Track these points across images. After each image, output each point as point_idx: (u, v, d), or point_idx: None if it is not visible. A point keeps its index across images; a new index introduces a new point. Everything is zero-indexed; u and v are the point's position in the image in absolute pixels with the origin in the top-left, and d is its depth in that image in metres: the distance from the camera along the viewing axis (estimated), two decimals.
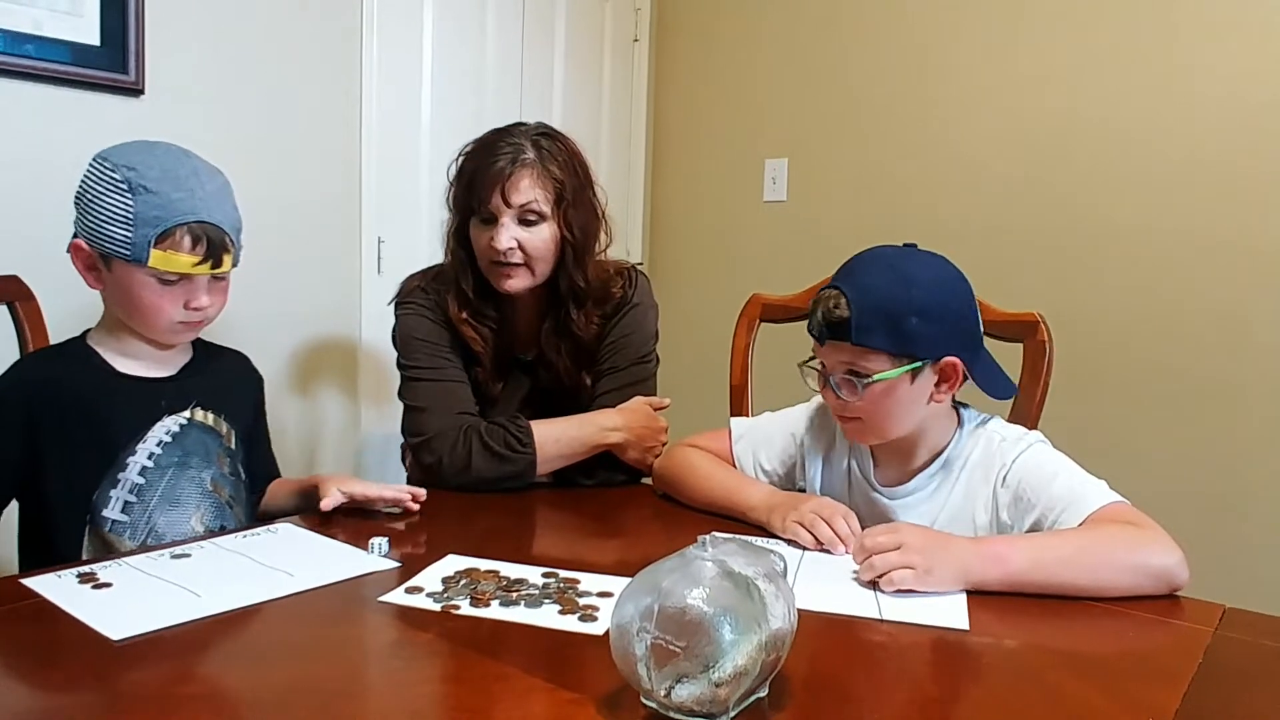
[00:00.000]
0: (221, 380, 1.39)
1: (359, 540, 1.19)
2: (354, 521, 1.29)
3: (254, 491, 1.44)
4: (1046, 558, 1.07)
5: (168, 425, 1.29)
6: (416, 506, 1.34)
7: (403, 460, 1.77)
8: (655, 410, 1.61)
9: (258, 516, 1.44)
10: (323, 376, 2.33)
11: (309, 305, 2.25)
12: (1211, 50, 2.24)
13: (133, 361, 1.30)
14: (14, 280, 1.45)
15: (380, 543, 1.17)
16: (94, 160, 1.23)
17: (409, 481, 1.70)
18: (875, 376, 1.20)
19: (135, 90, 1.91)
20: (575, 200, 1.55)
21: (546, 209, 1.52)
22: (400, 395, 1.59)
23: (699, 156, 3.20)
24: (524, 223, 1.52)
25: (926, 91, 2.69)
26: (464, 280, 1.59)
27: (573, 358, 1.63)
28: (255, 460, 1.45)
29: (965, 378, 1.24)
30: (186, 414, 1.32)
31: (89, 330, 1.32)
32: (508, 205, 1.50)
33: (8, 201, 1.76)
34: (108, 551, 1.24)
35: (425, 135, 2.51)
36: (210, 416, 1.34)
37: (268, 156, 2.16)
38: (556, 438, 1.52)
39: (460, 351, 1.60)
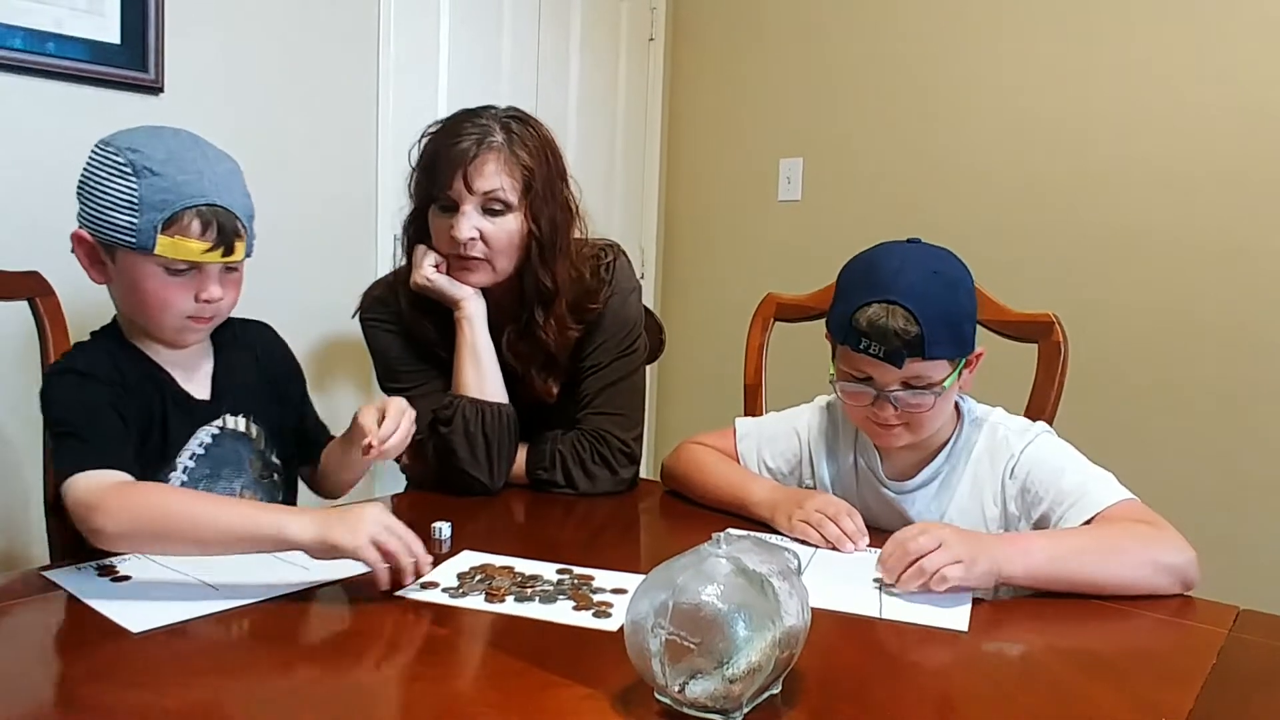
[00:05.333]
0: (247, 374, 1.33)
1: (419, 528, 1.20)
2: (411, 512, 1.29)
3: (308, 460, 1.41)
4: (1065, 551, 1.08)
5: (200, 438, 1.25)
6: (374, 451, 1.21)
7: (396, 460, 1.73)
8: None
9: (316, 484, 1.42)
10: (338, 373, 2.34)
11: (325, 302, 2.26)
12: (1229, 53, 2.22)
13: (169, 368, 1.24)
14: (34, 276, 1.46)
15: (441, 527, 1.20)
16: (96, 145, 1.17)
17: (407, 478, 1.69)
18: (946, 383, 1.20)
19: (155, 88, 1.92)
20: (545, 191, 1.43)
21: (513, 198, 1.41)
22: None
23: (714, 156, 3.20)
24: (488, 212, 1.41)
25: (942, 92, 2.68)
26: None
27: (540, 366, 1.51)
28: (303, 432, 1.41)
29: None
30: (219, 423, 1.27)
31: (111, 329, 1.27)
32: (470, 191, 1.39)
33: (28, 198, 1.78)
34: None
35: None
36: (241, 422, 1.29)
37: (285, 155, 2.17)
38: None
39: (436, 358, 1.53)
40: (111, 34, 1.85)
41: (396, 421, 1.22)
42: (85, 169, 1.17)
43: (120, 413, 1.15)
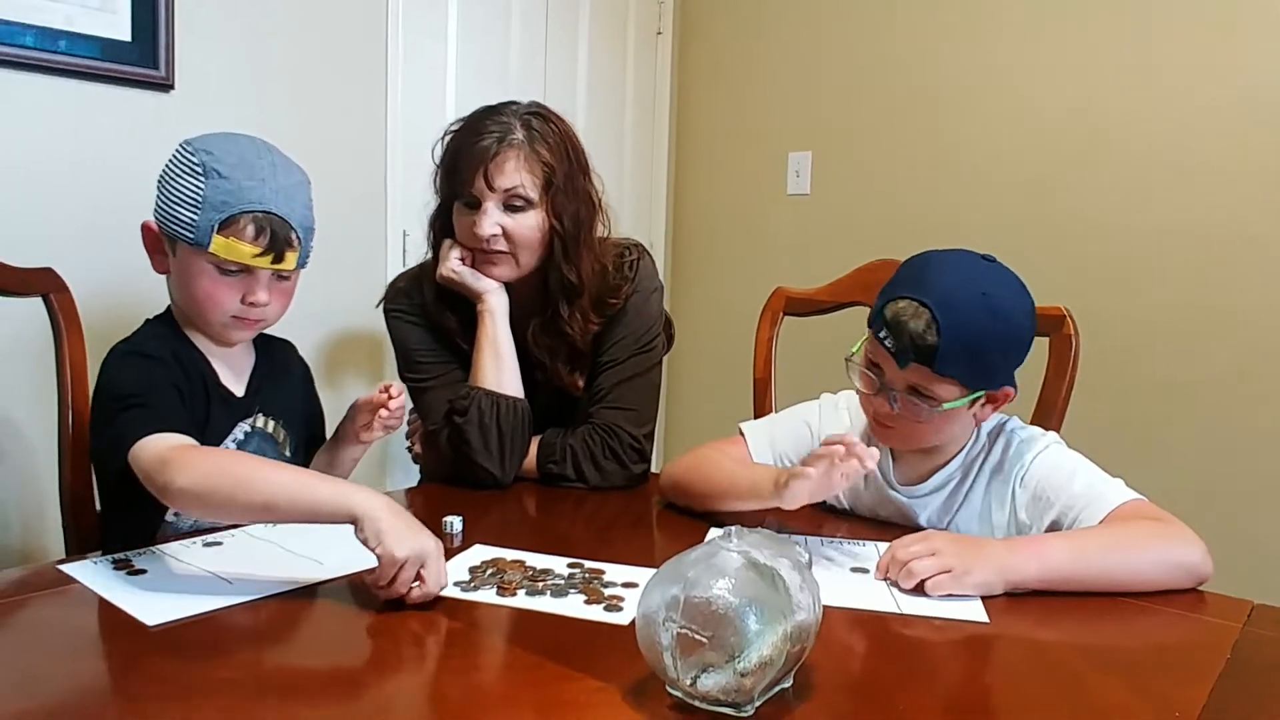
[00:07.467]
0: (281, 381, 1.37)
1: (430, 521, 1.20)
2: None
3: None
4: (1083, 551, 1.08)
5: (235, 434, 1.29)
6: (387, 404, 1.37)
7: (409, 449, 1.74)
8: None
9: None
10: (349, 369, 2.35)
11: (335, 299, 2.27)
12: (1241, 47, 2.21)
13: (213, 360, 1.28)
14: (48, 272, 1.46)
15: (453, 521, 1.21)
16: (180, 144, 1.23)
17: (421, 471, 1.71)
18: (945, 406, 1.17)
19: (165, 85, 1.93)
20: (566, 187, 1.45)
21: (534, 194, 1.43)
22: (413, 401, 1.59)
23: (722, 150, 3.20)
24: (509, 208, 1.43)
25: (951, 86, 2.67)
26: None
27: (565, 358, 1.53)
28: (310, 436, 1.47)
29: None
30: (251, 421, 1.30)
31: (165, 317, 1.30)
32: (491, 189, 1.41)
33: (41, 195, 1.79)
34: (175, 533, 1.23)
35: None
36: (271, 424, 1.33)
37: (295, 151, 2.13)
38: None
39: (457, 350, 1.54)
40: (122, 31, 1.85)
41: (401, 391, 1.34)
42: (166, 164, 1.23)
43: (181, 392, 1.19)
